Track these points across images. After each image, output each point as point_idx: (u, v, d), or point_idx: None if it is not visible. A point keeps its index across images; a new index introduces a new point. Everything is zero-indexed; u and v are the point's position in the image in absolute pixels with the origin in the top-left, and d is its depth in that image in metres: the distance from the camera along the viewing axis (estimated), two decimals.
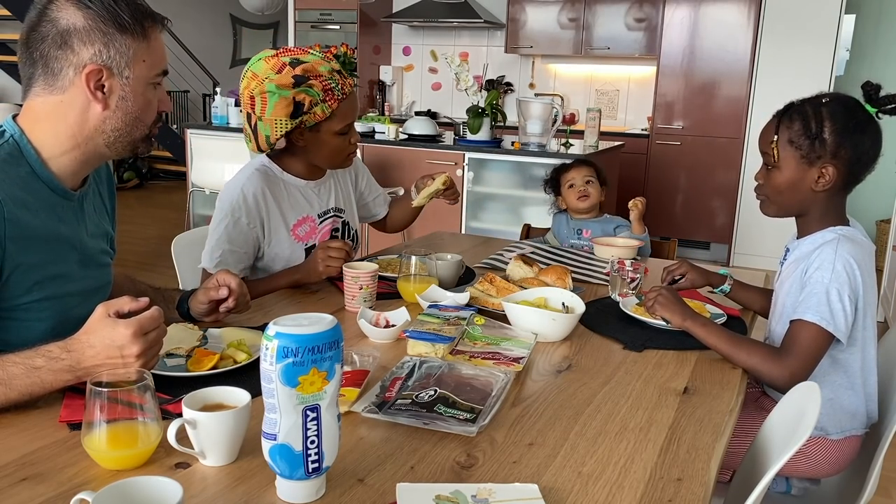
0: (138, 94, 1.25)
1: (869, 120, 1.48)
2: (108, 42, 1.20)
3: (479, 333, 1.47)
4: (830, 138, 1.45)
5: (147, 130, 1.30)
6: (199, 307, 1.47)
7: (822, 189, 1.49)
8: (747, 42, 5.36)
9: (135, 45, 1.22)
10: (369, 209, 2.27)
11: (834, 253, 1.44)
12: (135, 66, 1.23)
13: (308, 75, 1.74)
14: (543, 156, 4.33)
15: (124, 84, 1.23)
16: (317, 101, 1.75)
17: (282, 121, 1.74)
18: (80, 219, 1.33)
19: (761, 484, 0.97)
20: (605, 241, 2.31)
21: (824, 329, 1.41)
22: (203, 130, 5.37)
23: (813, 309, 1.42)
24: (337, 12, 6.77)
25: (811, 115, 1.47)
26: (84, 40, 1.18)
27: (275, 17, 9.17)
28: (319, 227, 1.97)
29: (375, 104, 6.98)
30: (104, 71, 1.20)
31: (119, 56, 1.21)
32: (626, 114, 6.44)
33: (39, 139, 1.24)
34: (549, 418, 1.16)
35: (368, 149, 4.82)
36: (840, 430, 1.54)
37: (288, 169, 1.93)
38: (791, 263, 1.57)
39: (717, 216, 5.68)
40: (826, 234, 1.51)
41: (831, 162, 1.46)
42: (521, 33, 6.34)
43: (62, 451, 0.98)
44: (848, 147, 1.45)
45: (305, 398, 0.85)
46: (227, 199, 1.84)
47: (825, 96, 1.50)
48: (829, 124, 1.45)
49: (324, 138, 1.83)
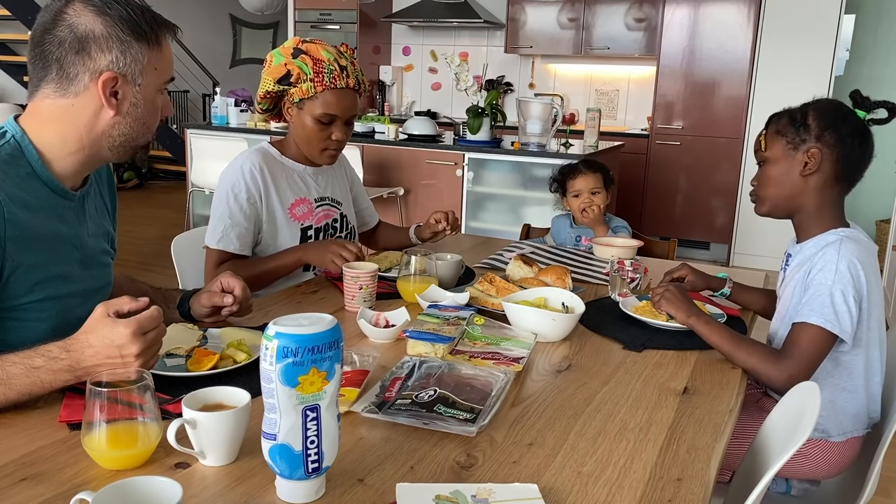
0: (148, 101, 1.27)
1: (853, 113, 1.52)
2: (126, 50, 1.21)
3: (478, 333, 1.47)
4: (813, 123, 1.50)
5: (151, 136, 1.32)
6: (200, 310, 1.47)
7: (809, 173, 1.50)
8: (747, 42, 5.36)
9: (149, 54, 1.23)
10: (361, 216, 2.29)
11: (837, 254, 1.44)
12: (147, 74, 1.24)
13: (307, 53, 1.85)
14: (543, 156, 4.33)
15: (136, 91, 1.24)
16: (305, 77, 1.84)
17: (269, 80, 1.87)
18: (81, 219, 1.33)
19: (761, 484, 0.97)
20: (604, 241, 2.31)
21: (827, 331, 1.41)
22: (203, 130, 5.37)
23: (817, 311, 1.42)
24: (337, 12, 6.78)
25: (796, 109, 1.55)
26: (102, 47, 1.19)
27: (275, 17, 9.17)
28: (315, 212, 2.01)
29: (375, 104, 6.98)
30: (119, 78, 1.21)
31: (134, 64, 1.22)
32: (625, 114, 6.44)
33: (44, 141, 1.24)
34: (548, 418, 1.16)
35: (368, 149, 4.82)
36: (842, 432, 1.54)
37: (286, 153, 2.00)
38: (794, 268, 1.57)
39: (716, 216, 5.68)
40: (828, 237, 1.51)
41: (816, 144, 1.49)
42: (520, 33, 6.34)
43: (62, 451, 0.98)
44: (831, 130, 1.49)
45: (305, 398, 0.85)
46: (227, 177, 1.91)
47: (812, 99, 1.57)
48: (812, 112, 1.52)
49: (304, 119, 1.90)
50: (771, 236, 5.29)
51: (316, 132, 1.91)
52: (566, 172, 2.61)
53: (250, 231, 1.90)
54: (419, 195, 4.80)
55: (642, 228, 5.57)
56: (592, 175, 2.56)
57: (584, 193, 2.53)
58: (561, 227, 2.63)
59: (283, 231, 1.94)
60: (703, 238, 5.77)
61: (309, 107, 1.88)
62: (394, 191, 4.77)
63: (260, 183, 1.90)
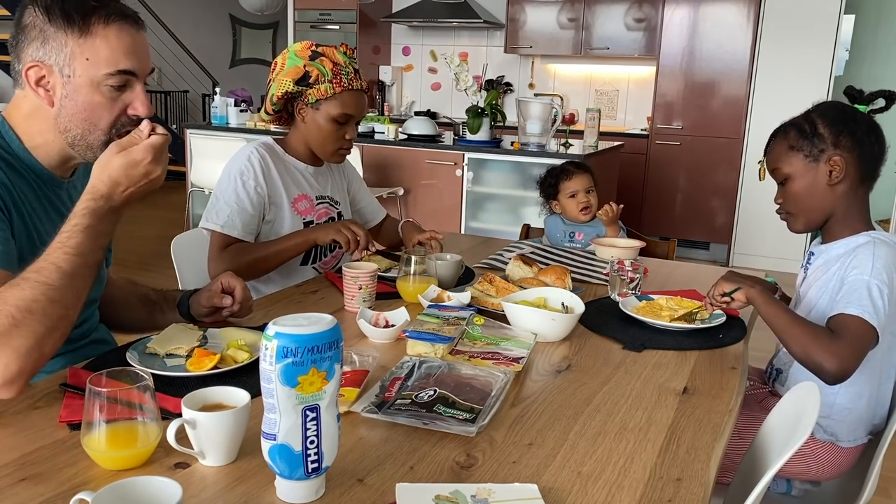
0: (83, 94, 1.20)
1: (857, 111, 1.52)
2: (45, 38, 1.18)
3: (478, 333, 1.47)
4: (826, 130, 1.48)
5: (104, 136, 1.23)
6: (200, 310, 1.47)
7: (836, 182, 1.49)
8: (747, 42, 5.36)
9: (73, 42, 1.18)
10: (363, 215, 2.29)
11: (872, 255, 1.42)
12: (75, 65, 1.19)
13: (324, 55, 1.90)
14: (543, 156, 4.33)
15: (66, 82, 1.20)
16: (324, 79, 1.89)
17: (287, 82, 1.89)
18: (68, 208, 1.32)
19: (761, 484, 0.97)
20: (605, 241, 2.31)
21: (867, 322, 1.35)
22: (202, 130, 5.37)
23: (855, 303, 1.37)
24: (336, 12, 6.78)
25: (802, 120, 1.52)
26: (28, 37, 1.19)
27: (274, 17, 9.17)
28: (317, 208, 2.03)
29: (375, 104, 6.98)
30: (42, 67, 1.19)
31: (56, 53, 1.19)
32: (625, 114, 6.44)
33: (20, 129, 1.25)
34: (548, 418, 1.16)
35: (368, 149, 4.82)
36: (853, 438, 1.53)
37: (289, 150, 2.02)
38: (820, 267, 1.55)
39: (716, 216, 5.68)
40: (859, 238, 1.50)
41: (836, 152, 1.48)
42: (520, 33, 6.34)
43: (62, 451, 0.98)
44: (846, 133, 1.48)
45: (305, 398, 0.85)
46: (234, 165, 1.93)
47: (811, 107, 1.55)
48: (820, 120, 1.50)
49: (320, 119, 1.93)
50: (770, 237, 5.29)
51: (331, 132, 1.94)
52: (557, 175, 2.64)
53: (255, 219, 1.91)
54: (419, 195, 4.80)
55: (642, 228, 5.57)
56: (585, 174, 2.61)
57: (581, 192, 2.56)
58: (554, 227, 2.64)
59: (286, 223, 1.96)
60: (702, 238, 5.78)
61: (326, 107, 1.91)
62: (393, 191, 4.77)
63: (268, 174, 1.93)
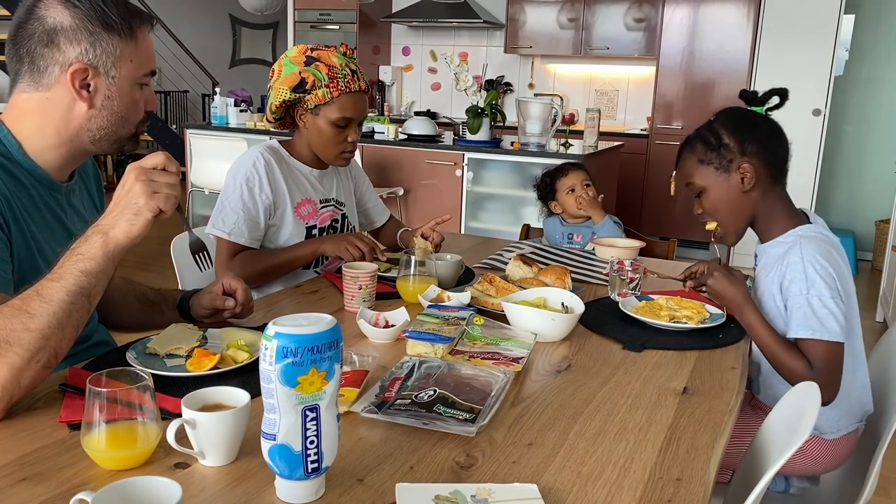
0: (125, 94, 1.26)
1: (757, 115, 1.58)
2: (95, 41, 1.20)
3: (478, 333, 1.47)
4: (731, 140, 1.54)
5: (133, 129, 1.30)
6: (200, 310, 1.47)
7: (750, 188, 1.53)
8: (747, 42, 5.36)
9: (122, 45, 1.22)
10: (368, 216, 2.30)
11: (801, 260, 1.47)
12: (121, 66, 1.23)
13: (319, 60, 1.87)
14: (543, 156, 4.33)
15: (110, 83, 1.23)
16: (321, 84, 1.86)
17: (284, 90, 1.87)
18: (67, 213, 1.33)
19: (760, 484, 0.97)
20: (605, 241, 2.31)
21: (827, 341, 1.42)
22: (202, 130, 5.37)
23: (802, 324, 1.44)
24: (336, 12, 6.78)
25: (706, 132, 1.57)
26: (71, 39, 1.19)
27: (274, 17, 9.17)
28: (320, 212, 2.03)
29: (375, 104, 6.98)
30: (90, 70, 1.21)
31: (105, 55, 1.21)
32: (625, 114, 6.44)
33: (22, 132, 1.24)
34: (548, 418, 1.16)
35: (368, 149, 4.82)
36: (835, 429, 1.54)
37: (294, 154, 2.02)
38: (763, 269, 1.60)
39: None
40: (787, 238, 1.54)
41: (744, 159, 1.53)
42: (520, 33, 6.34)
43: (62, 451, 0.98)
44: (750, 140, 1.53)
45: (305, 398, 0.85)
46: (240, 169, 1.92)
47: (711, 118, 1.60)
48: (723, 130, 1.55)
49: (321, 124, 1.92)
50: None
51: (333, 136, 1.93)
52: (552, 174, 2.68)
53: (261, 224, 1.92)
54: (419, 195, 4.80)
55: (642, 228, 5.57)
56: (580, 170, 2.65)
57: (578, 186, 2.59)
58: (553, 228, 2.65)
59: (288, 228, 1.96)
60: (702, 238, 5.77)
61: (325, 112, 1.90)
62: (393, 191, 4.77)
63: (272, 179, 1.93)
